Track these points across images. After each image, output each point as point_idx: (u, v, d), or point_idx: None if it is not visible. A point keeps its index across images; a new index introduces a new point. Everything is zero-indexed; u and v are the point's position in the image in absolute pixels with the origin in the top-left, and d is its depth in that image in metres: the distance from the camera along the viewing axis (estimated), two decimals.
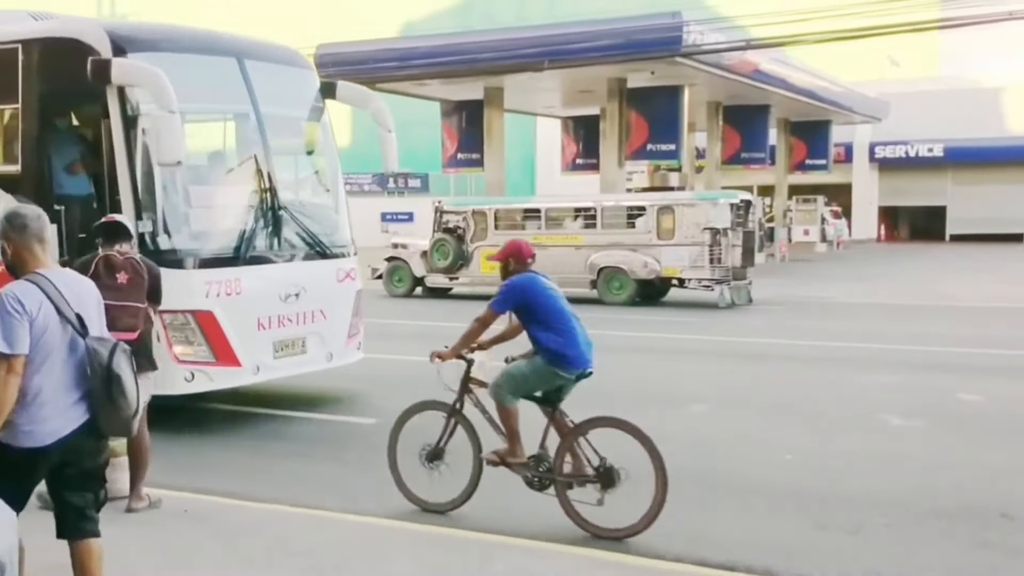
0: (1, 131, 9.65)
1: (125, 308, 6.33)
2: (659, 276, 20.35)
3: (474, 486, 6.63)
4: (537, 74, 26.24)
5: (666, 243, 20.06)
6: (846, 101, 38.62)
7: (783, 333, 15.86)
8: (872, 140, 48.27)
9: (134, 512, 6.45)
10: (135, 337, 6.31)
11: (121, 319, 6.30)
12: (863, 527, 6.41)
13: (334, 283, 9.75)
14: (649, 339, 15.66)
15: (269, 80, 9.59)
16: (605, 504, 6.20)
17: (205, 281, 8.58)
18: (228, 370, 8.71)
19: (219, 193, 9.56)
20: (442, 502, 6.66)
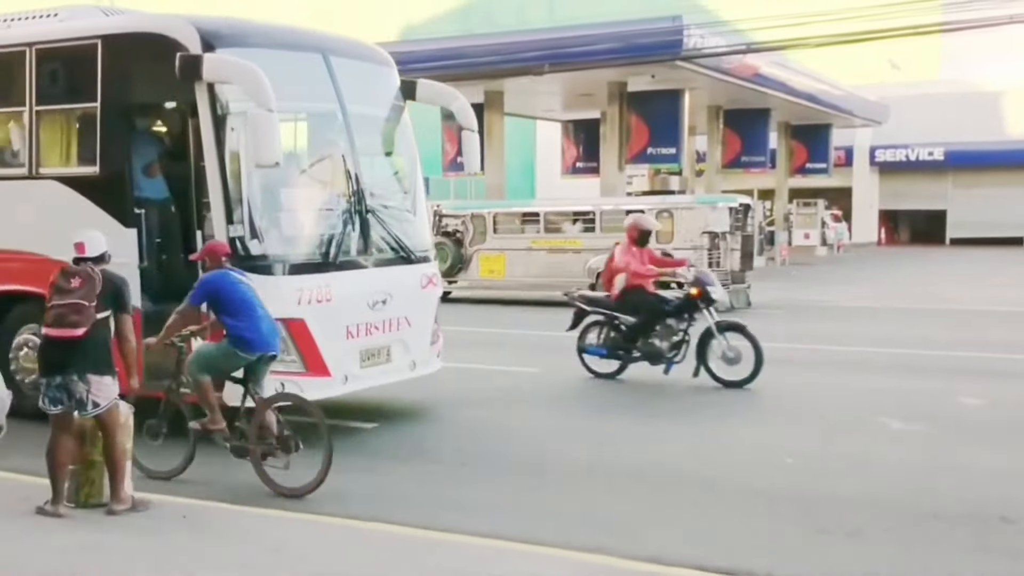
0: (77, 131, 9.40)
1: (72, 306, 6.32)
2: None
3: (191, 454, 7.60)
4: (537, 77, 26.23)
5: (665, 247, 19.97)
6: (846, 104, 38.61)
7: (782, 337, 15.83)
8: (872, 143, 48.23)
9: (115, 515, 6.43)
10: (80, 334, 6.32)
11: (66, 317, 6.33)
12: (863, 530, 6.39)
13: (418, 289, 9.43)
14: None
15: (354, 77, 9.24)
16: (290, 468, 7.06)
17: (296, 288, 8.24)
18: (318, 380, 8.36)
19: (308, 196, 9.17)
20: (164, 471, 7.51)
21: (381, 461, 8.12)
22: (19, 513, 6.48)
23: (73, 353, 6.37)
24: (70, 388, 6.41)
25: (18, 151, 9.50)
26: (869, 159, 48.92)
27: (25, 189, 9.25)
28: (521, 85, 26.81)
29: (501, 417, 9.93)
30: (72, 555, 5.73)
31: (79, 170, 9.11)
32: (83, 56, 8.85)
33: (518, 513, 6.78)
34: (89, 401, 6.42)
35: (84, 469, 6.65)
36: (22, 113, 9.30)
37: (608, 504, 7.00)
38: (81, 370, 6.39)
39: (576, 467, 7.97)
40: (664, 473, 7.77)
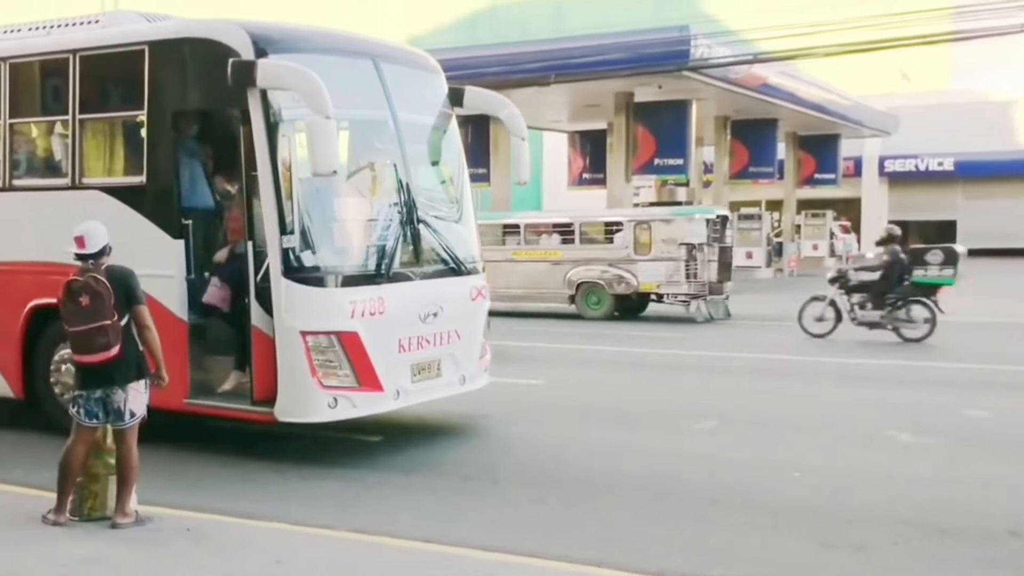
0: (123, 140, 9.31)
1: (95, 330, 6.30)
2: (636, 291, 20.52)
3: None
4: (543, 88, 26.22)
5: (643, 258, 20.25)
6: (855, 115, 38.52)
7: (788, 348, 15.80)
8: (882, 154, 48.12)
9: (119, 528, 6.42)
10: (114, 354, 6.33)
11: (94, 341, 6.31)
12: (870, 545, 6.36)
13: (468, 301, 9.23)
14: (634, 354, 15.59)
15: (404, 84, 9.05)
16: None
17: (350, 300, 8.04)
18: (371, 395, 8.20)
19: (360, 206, 8.90)
20: None
21: (387, 474, 8.10)
22: (21, 526, 6.48)
23: (115, 369, 6.40)
24: (109, 400, 6.43)
25: (60, 161, 9.42)
26: (878, 169, 48.81)
27: (67, 200, 9.08)
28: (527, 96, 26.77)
29: (505, 430, 9.90)
30: (75, 569, 5.73)
31: (124, 180, 9.00)
32: (129, 63, 8.69)
33: (521, 526, 6.76)
34: (127, 411, 6.45)
35: (88, 482, 6.64)
36: (64, 122, 9.18)
37: (611, 517, 6.97)
38: (124, 380, 6.43)
39: (580, 480, 7.93)
40: (669, 486, 7.74)
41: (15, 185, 9.51)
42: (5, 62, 9.40)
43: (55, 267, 8.68)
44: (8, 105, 9.43)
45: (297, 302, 7.86)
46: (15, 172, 9.56)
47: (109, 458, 6.63)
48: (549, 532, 6.59)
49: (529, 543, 6.26)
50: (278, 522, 6.66)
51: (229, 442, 9.03)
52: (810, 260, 38.46)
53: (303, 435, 8.93)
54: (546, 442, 9.36)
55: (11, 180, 9.51)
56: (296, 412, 8.01)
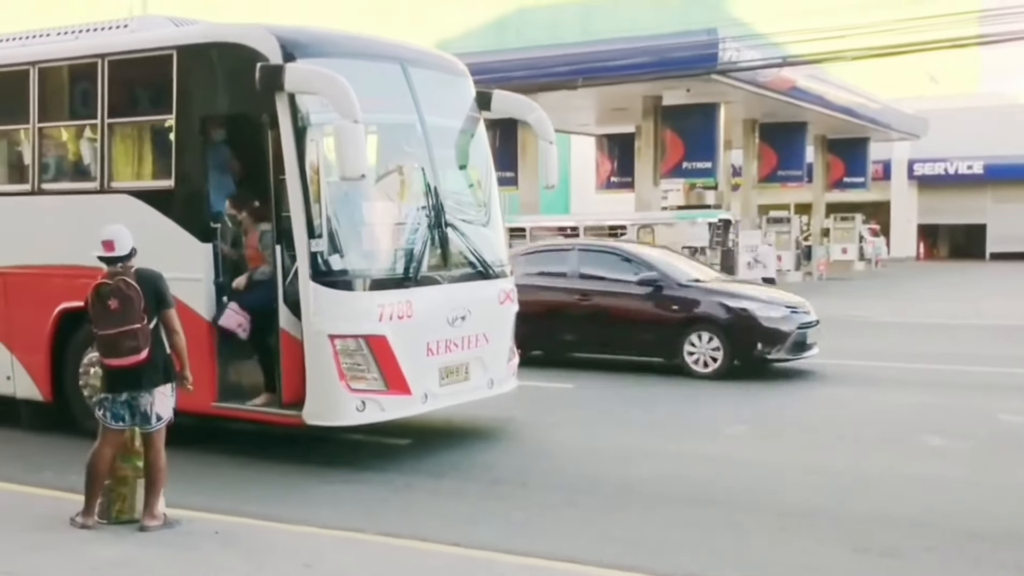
0: (151, 144, 9.34)
1: (124, 334, 6.31)
2: None
3: None
4: (571, 92, 26.20)
5: None
6: (884, 118, 38.30)
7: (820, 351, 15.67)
8: (911, 157, 47.83)
9: (147, 531, 6.42)
10: (143, 358, 6.33)
11: (123, 344, 6.32)
12: (902, 549, 6.28)
13: (496, 305, 9.20)
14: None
15: (432, 88, 9.00)
16: None
17: (378, 304, 8.03)
18: (399, 399, 8.18)
19: (388, 209, 8.86)
20: None
21: (414, 477, 8.07)
22: (50, 528, 6.49)
23: (143, 373, 6.41)
24: (136, 403, 6.45)
25: (88, 165, 9.45)
26: (907, 173, 48.50)
27: (95, 204, 9.10)
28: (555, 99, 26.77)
29: (535, 434, 9.87)
30: (104, 572, 5.73)
31: (153, 184, 9.02)
32: (157, 67, 8.71)
33: (551, 530, 6.71)
34: (153, 415, 6.46)
35: (115, 485, 6.65)
36: (93, 126, 9.22)
37: (642, 522, 6.92)
38: (151, 384, 6.44)
39: (610, 485, 7.89)
40: (698, 491, 7.67)
41: (44, 189, 9.57)
42: (34, 66, 9.45)
43: (84, 270, 8.69)
44: (37, 109, 9.48)
45: (325, 306, 7.85)
46: (44, 176, 9.61)
47: (137, 461, 6.64)
48: (579, 537, 6.54)
49: (559, 548, 6.20)
50: (307, 525, 6.64)
51: (257, 445, 9.02)
52: (839, 264, 38.24)
53: (331, 438, 8.92)
54: (576, 446, 9.30)
55: (40, 184, 9.56)
56: (324, 415, 8.00)
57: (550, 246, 16.02)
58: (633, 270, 13.45)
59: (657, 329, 13.23)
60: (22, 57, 9.66)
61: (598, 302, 13.53)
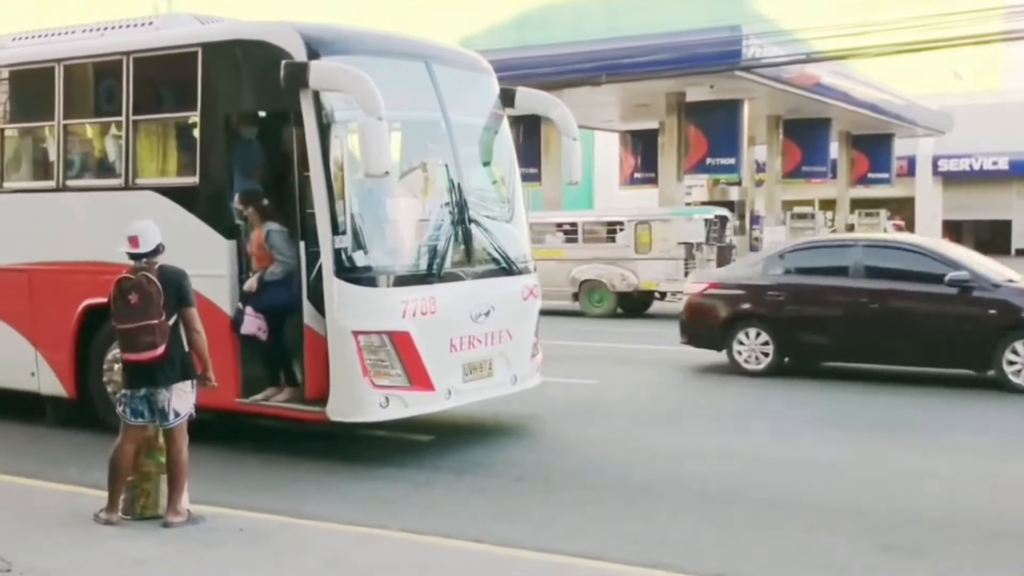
0: (176, 141, 9.38)
1: (141, 328, 6.32)
2: (637, 289, 20.89)
3: None
4: (595, 88, 26.13)
5: (643, 257, 20.62)
6: (908, 114, 38.03)
7: None
8: (935, 153, 47.44)
9: (171, 527, 6.42)
10: (159, 354, 6.33)
11: (140, 339, 6.33)
12: (927, 547, 6.23)
13: (520, 301, 9.18)
14: (670, 352, 15.43)
15: (455, 85, 9.01)
16: None
17: (401, 300, 8.03)
18: (422, 395, 8.18)
19: (411, 206, 8.90)
20: None
21: (437, 474, 8.06)
22: (75, 525, 6.51)
23: (159, 369, 6.42)
24: (154, 399, 6.45)
25: (113, 161, 9.48)
26: (932, 169, 48.11)
27: (120, 200, 9.13)
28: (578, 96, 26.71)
29: (558, 430, 9.83)
30: (128, 569, 5.74)
31: (177, 180, 9.04)
32: (182, 65, 8.72)
33: (575, 528, 6.68)
34: (171, 411, 6.46)
35: (139, 481, 6.66)
36: (118, 123, 9.24)
37: (667, 519, 6.88)
38: (168, 381, 6.44)
39: (634, 481, 7.85)
40: (723, 488, 7.62)
41: (69, 186, 9.60)
42: (60, 64, 9.48)
43: (108, 267, 8.70)
44: (63, 107, 9.51)
45: (349, 302, 7.85)
46: (69, 173, 9.64)
47: (160, 457, 6.65)
48: (604, 534, 6.51)
49: (583, 545, 6.17)
50: (330, 522, 6.63)
51: (281, 442, 9.02)
52: None
53: (355, 434, 8.91)
54: (600, 443, 9.26)
55: (65, 181, 9.59)
56: (348, 411, 7.99)
57: (821, 242, 15.24)
58: (936, 268, 11.85)
59: (966, 337, 11.75)
60: (48, 54, 9.69)
61: (892, 305, 11.99)
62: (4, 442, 9.35)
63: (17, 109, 10.30)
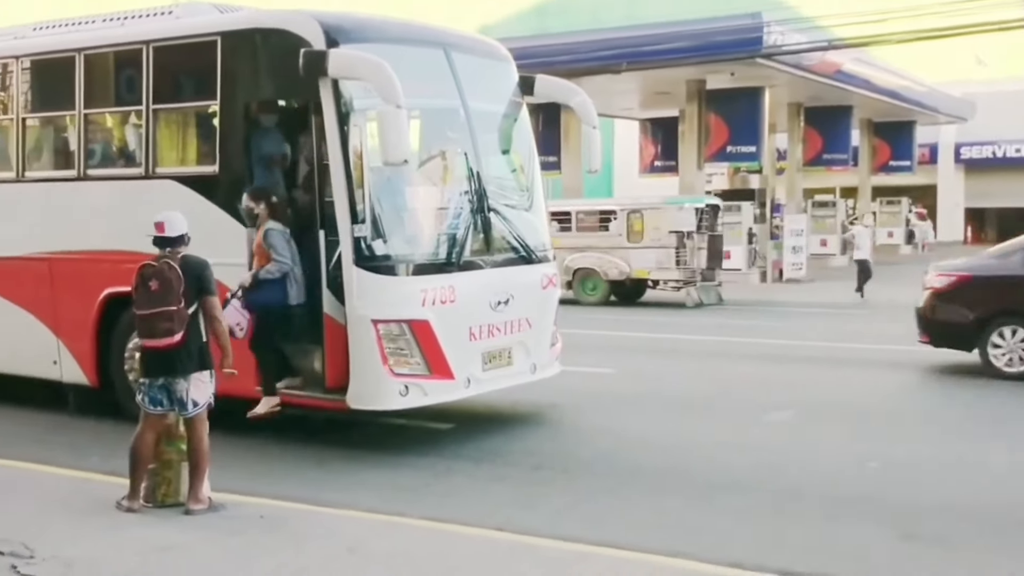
0: (195, 130, 9.41)
1: (160, 314, 6.35)
2: (629, 277, 21.07)
3: None
4: (615, 76, 26.05)
5: (635, 246, 20.84)
6: (930, 101, 37.78)
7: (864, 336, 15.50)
8: (958, 140, 47.15)
9: (192, 515, 6.46)
10: (176, 341, 6.36)
11: (158, 326, 6.36)
12: (949, 537, 6.21)
13: (539, 289, 9.17)
14: (668, 340, 15.55)
15: (474, 73, 9.00)
16: None
17: (421, 289, 8.04)
18: (442, 383, 8.18)
19: (430, 195, 8.87)
20: None
21: (456, 462, 8.06)
22: (97, 512, 6.55)
23: (176, 358, 6.43)
24: (172, 388, 6.48)
25: (134, 151, 9.52)
26: (954, 156, 47.83)
27: (141, 189, 9.19)
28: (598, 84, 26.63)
29: (577, 419, 9.83)
30: (150, 556, 5.76)
31: (197, 169, 9.08)
32: (201, 54, 8.74)
33: (594, 516, 6.68)
34: (189, 401, 6.48)
35: (161, 469, 6.70)
36: (139, 112, 9.27)
37: (685, 508, 6.87)
38: (185, 371, 6.46)
39: (653, 471, 7.84)
40: (743, 477, 7.60)
41: (90, 175, 9.64)
42: (80, 53, 9.51)
43: (129, 255, 8.77)
44: (83, 96, 9.54)
45: (368, 290, 7.86)
46: (90, 162, 9.68)
47: (182, 445, 6.68)
48: (623, 523, 6.51)
49: (602, 533, 6.16)
50: (350, 509, 6.66)
51: (301, 430, 9.05)
52: (885, 248, 37.75)
53: (374, 422, 8.93)
54: (618, 432, 9.25)
55: (86, 170, 9.63)
56: (368, 400, 8.01)
57: None
58: None
59: None
60: (68, 44, 9.73)
61: None
62: (28, 430, 9.41)
63: (38, 99, 10.34)
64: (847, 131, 35.98)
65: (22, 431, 9.35)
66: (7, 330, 10.05)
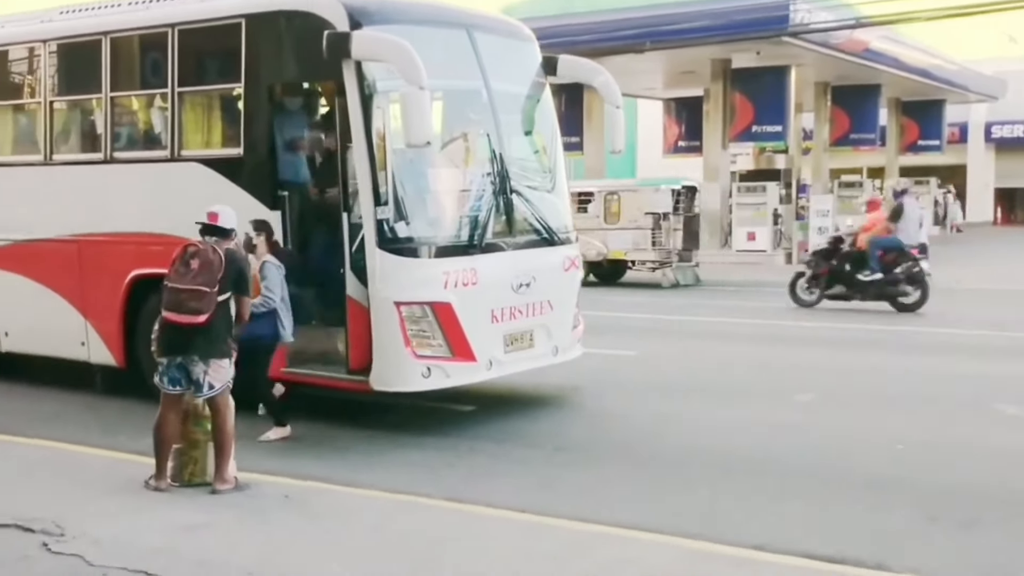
0: (220, 112, 9.46)
1: (192, 292, 6.39)
2: (606, 258, 21.17)
3: None
4: (638, 56, 25.89)
5: (612, 227, 20.95)
6: (961, 79, 37.33)
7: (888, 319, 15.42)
8: (988, 119, 46.62)
9: (218, 494, 6.54)
10: (202, 321, 6.40)
11: (186, 302, 6.40)
12: (976, 520, 6.18)
13: (561, 271, 9.17)
14: (710, 323, 15.44)
15: (497, 54, 8.98)
16: None
17: (443, 271, 8.06)
18: (464, 365, 8.22)
19: (453, 176, 8.89)
20: None
21: (478, 443, 8.11)
22: (126, 491, 6.64)
23: (195, 338, 6.48)
24: (189, 369, 6.54)
25: (159, 133, 9.58)
26: (984, 136, 47.30)
27: (167, 172, 9.26)
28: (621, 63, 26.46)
29: (597, 401, 9.85)
30: (176, 534, 5.84)
31: (222, 152, 9.13)
32: (226, 36, 8.78)
33: (616, 498, 6.70)
34: (205, 383, 6.54)
35: (187, 448, 6.78)
36: (164, 95, 9.33)
37: (709, 490, 6.88)
38: (203, 354, 6.51)
39: (676, 452, 7.86)
40: (768, 460, 7.60)
41: (116, 158, 9.71)
42: (106, 36, 9.57)
43: (156, 238, 8.88)
44: (110, 79, 9.61)
45: (391, 273, 7.89)
46: (116, 145, 9.75)
47: (208, 425, 6.75)
48: (645, 504, 6.53)
49: (624, 515, 6.19)
50: (374, 489, 6.71)
51: (325, 411, 9.12)
52: None
53: (397, 404, 8.98)
54: (641, 414, 9.28)
55: (113, 153, 9.71)
56: (390, 381, 8.06)
57: None
58: None
59: None
60: (95, 27, 9.79)
61: None
62: (58, 410, 9.54)
63: (65, 82, 10.43)
64: (875, 110, 35.61)
65: (52, 411, 9.48)
66: (37, 312, 10.17)
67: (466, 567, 5.35)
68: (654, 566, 5.35)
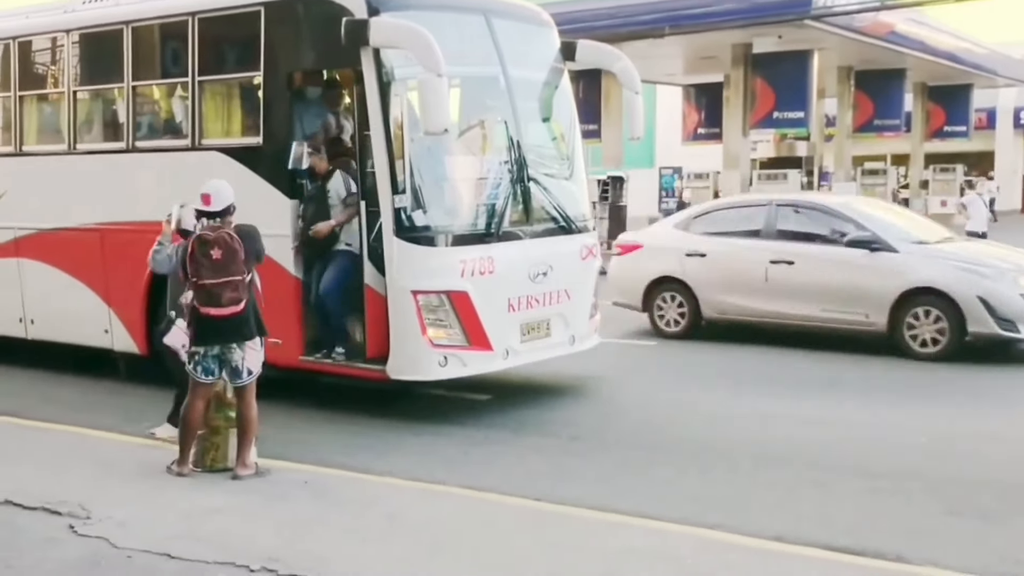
0: (240, 101, 9.51)
1: (226, 284, 6.45)
2: None
3: None
4: (658, 41, 25.73)
5: None
6: (989, 64, 36.82)
7: None
8: (1017, 105, 46.11)
9: (239, 479, 6.63)
10: (241, 309, 6.48)
11: (224, 294, 6.45)
12: (996, 513, 6.16)
13: (578, 260, 9.17)
14: None
15: (515, 39, 9.00)
16: None
17: (460, 260, 8.09)
18: (480, 354, 8.25)
19: (470, 164, 8.88)
20: None
21: (495, 432, 8.16)
22: (148, 476, 6.74)
23: (236, 326, 6.56)
24: (226, 357, 6.61)
25: (180, 122, 9.66)
26: (1014, 121, 46.80)
27: (187, 161, 9.32)
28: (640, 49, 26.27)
29: (615, 391, 9.86)
30: (198, 518, 5.92)
31: (242, 141, 9.19)
32: (245, 24, 8.82)
33: (631, 487, 6.73)
34: (244, 369, 6.62)
35: (209, 435, 6.87)
36: (184, 84, 9.40)
37: (727, 481, 6.89)
38: (241, 339, 6.59)
39: (692, 443, 7.86)
40: (786, 451, 7.59)
41: (138, 147, 9.80)
42: (128, 26, 9.65)
43: None
44: (131, 68, 9.69)
45: (408, 261, 7.94)
46: (138, 134, 9.84)
47: (230, 412, 6.84)
48: (661, 494, 6.56)
49: (640, 504, 6.22)
50: (391, 477, 6.78)
51: (343, 400, 9.20)
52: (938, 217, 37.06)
53: (414, 393, 9.04)
54: (657, 404, 9.29)
55: (135, 142, 9.80)
56: (407, 370, 8.11)
57: None
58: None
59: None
60: (116, 16, 9.88)
61: None
62: (84, 396, 9.67)
63: (88, 72, 10.51)
64: (900, 95, 35.21)
65: (78, 398, 9.61)
66: (61, 300, 10.30)
67: (482, 555, 5.40)
68: (671, 555, 5.37)
